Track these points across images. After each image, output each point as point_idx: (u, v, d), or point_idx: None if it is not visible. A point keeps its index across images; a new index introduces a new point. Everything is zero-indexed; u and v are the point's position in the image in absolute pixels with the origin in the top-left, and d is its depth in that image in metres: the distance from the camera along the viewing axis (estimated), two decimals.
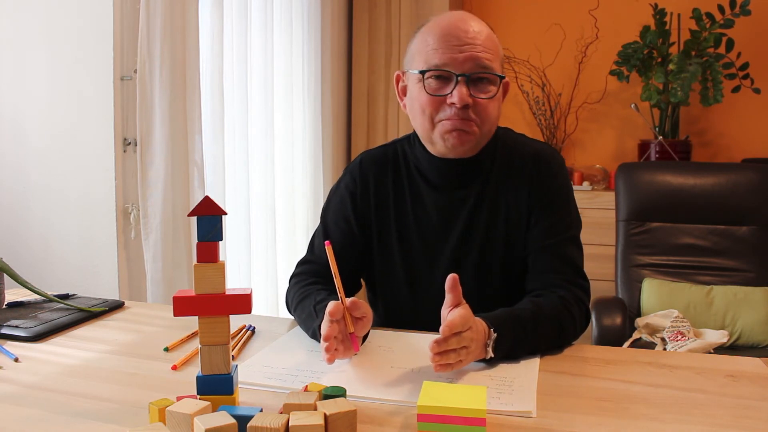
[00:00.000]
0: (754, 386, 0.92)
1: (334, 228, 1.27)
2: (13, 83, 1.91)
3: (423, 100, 1.14)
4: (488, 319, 0.99)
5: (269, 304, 2.65)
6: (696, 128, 3.47)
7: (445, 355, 0.91)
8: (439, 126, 1.14)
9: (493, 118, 1.15)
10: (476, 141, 1.15)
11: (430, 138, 1.16)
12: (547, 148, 1.24)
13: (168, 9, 1.88)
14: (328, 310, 0.96)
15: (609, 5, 3.52)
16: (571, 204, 1.22)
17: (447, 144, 1.14)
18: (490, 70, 1.12)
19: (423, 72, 1.13)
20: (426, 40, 1.14)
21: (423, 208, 1.22)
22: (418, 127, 1.19)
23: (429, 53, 1.12)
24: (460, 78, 1.10)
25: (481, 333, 0.96)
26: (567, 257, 1.17)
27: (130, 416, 0.81)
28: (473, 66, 1.10)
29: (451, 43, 1.11)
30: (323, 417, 0.71)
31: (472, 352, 0.95)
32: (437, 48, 1.11)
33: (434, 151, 1.19)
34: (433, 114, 1.13)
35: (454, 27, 1.12)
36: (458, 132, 1.12)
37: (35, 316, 1.20)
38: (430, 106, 1.13)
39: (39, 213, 1.92)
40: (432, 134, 1.15)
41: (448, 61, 1.10)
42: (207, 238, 0.79)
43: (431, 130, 1.15)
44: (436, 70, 1.12)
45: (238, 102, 2.40)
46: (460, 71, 1.10)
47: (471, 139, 1.14)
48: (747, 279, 2.30)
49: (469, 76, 1.10)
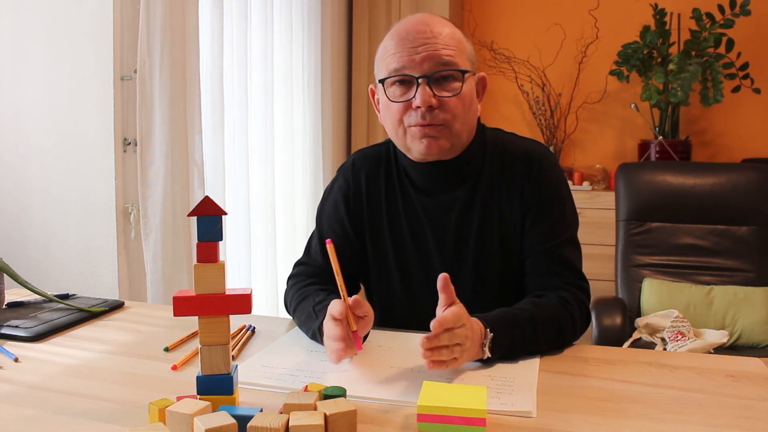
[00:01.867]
0: (754, 386, 0.92)
1: (329, 231, 1.26)
2: (13, 83, 1.91)
3: (390, 108, 1.12)
4: (484, 319, 0.99)
5: (269, 304, 2.65)
6: (696, 128, 3.47)
7: (437, 351, 0.91)
8: (409, 132, 1.12)
9: (462, 114, 1.11)
10: (450, 142, 1.12)
11: (405, 145, 1.15)
12: (539, 146, 1.21)
13: (168, 9, 1.88)
14: (332, 311, 0.96)
15: (609, 5, 3.52)
16: (566, 204, 1.20)
17: (420, 150, 1.12)
18: (452, 66, 1.08)
19: (384, 80, 1.12)
20: (386, 47, 1.12)
21: (414, 211, 1.21)
22: (392, 137, 1.18)
23: (388, 59, 1.11)
24: (420, 80, 1.07)
25: (476, 332, 0.96)
26: (565, 259, 1.16)
27: (130, 416, 0.81)
28: (433, 65, 1.08)
29: (408, 45, 1.08)
30: (323, 417, 0.71)
31: (467, 350, 0.94)
32: (395, 52, 1.10)
33: (412, 157, 1.17)
34: (402, 120, 1.11)
35: (411, 29, 1.09)
36: (427, 139, 1.10)
37: (35, 316, 1.20)
38: (398, 113, 1.11)
39: (39, 213, 1.92)
40: (405, 141, 1.14)
41: (406, 63, 1.08)
42: (207, 238, 0.79)
43: (404, 137, 1.13)
44: (396, 75, 1.10)
45: (238, 102, 2.40)
46: (420, 72, 1.08)
47: (443, 144, 1.11)
48: (747, 279, 2.30)
49: (431, 76, 1.08)
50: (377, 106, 1.21)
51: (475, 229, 1.18)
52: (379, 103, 1.19)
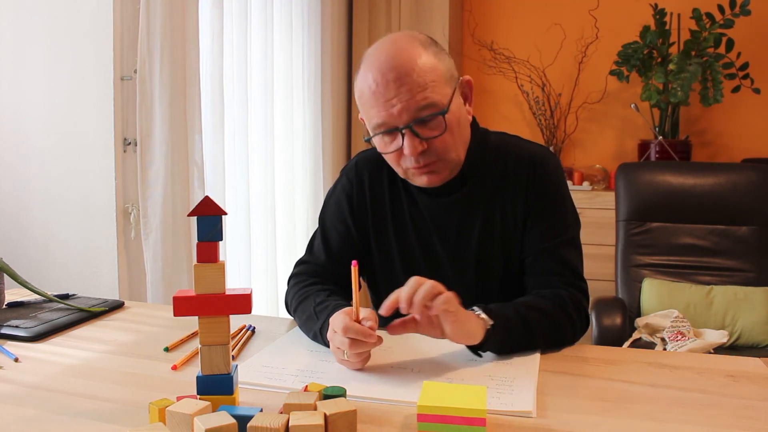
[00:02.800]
0: (754, 386, 0.92)
1: (332, 231, 1.27)
2: (13, 83, 1.91)
3: (385, 155, 1.14)
4: (480, 307, 1.01)
5: (269, 304, 2.65)
6: (696, 128, 3.47)
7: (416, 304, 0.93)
8: (408, 172, 1.14)
9: (453, 144, 1.12)
10: (449, 169, 1.14)
11: (409, 179, 1.17)
12: (542, 150, 1.23)
13: (168, 9, 1.88)
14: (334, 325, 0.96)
15: (609, 5, 3.52)
16: (567, 205, 1.21)
17: (423, 183, 1.14)
18: (431, 109, 1.07)
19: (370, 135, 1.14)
20: (363, 95, 1.10)
21: (418, 210, 1.22)
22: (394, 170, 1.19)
23: (369, 112, 1.11)
24: (404, 131, 1.08)
25: (468, 313, 0.99)
26: (565, 260, 1.16)
27: (130, 416, 0.81)
28: (411, 114, 1.06)
29: (383, 100, 1.07)
30: (323, 417, 0.71)
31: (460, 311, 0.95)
32: (372, 106, 1.09)
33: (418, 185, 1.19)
34: (399, 164, 1.13)
35: (381, 80, 1.06)
36: (428, 175, 1.12)
37: (35, 316, 1.20)
38: (393, 160, 1.14)
39: (39, 213, 1.92)
40: (408, 177, 1.16)
41: (386, 119, 1.08)
42: (207, 238, 0.79)
43: (404, 174, 1.16)
44: (381, 131, 1.10)
45: (238, 102, 2.40)
46: (402, 124, 1.07)
47: (443, 175, 1.13)
48: (747, 279, 2.30)
49: (411, 125, 1.07)
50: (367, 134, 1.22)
51: (478, 229, 1.19)
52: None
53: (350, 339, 0.93)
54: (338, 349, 0.96)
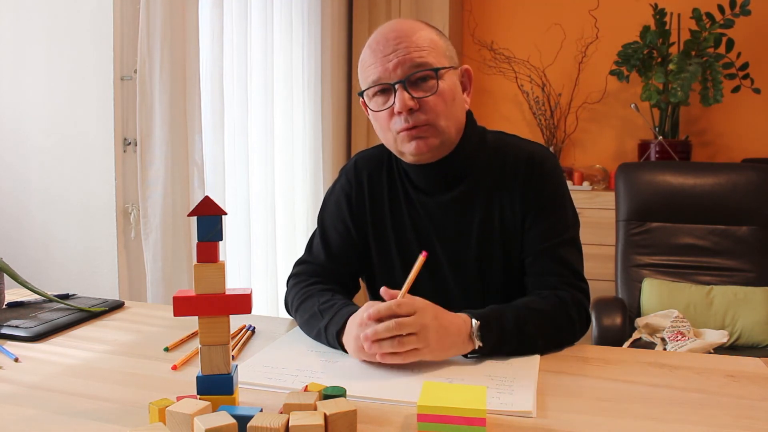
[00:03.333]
0: (754, 386, 0.91)
1: (331, 231, 1.27)
2: (12, 83, 1.91)
3: (377, 117, 1.15)
4: (471, 312, 1.01)
5: (269, 304, 2.65)
6: (696, 128, 3.48)
7: (378, 344, 0.93)
8: (398, 138, 1.14)
9: (444, 111, 1.12)
10: (439, 139, 1.13)
11: (398, 150, 1.17)
12: (541, 149, 1.22)
13: (168, 9, 1.88)
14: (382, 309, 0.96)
15: (609, 5, 3.52)
16: (567, 205, 1.20)
17: (411, 152, 1.14)
18: (425, 67, 1.10)
19: (365, 91, 1.15)
20: (363, 59, 1.15)
21: (416, 210, 1.22)
22: (386, 144, 1.20)
23: (366, 71, 1.14)
24: (397, 86, 1.10)
25: (453, 324, 0.98)
26: (565, 260, 1.16)
27: (130, 416, 0.81)
28: (406, 69, 1.09)
29: (380, 55, 1.11)
30: (323, 417, 0.71)
31: (430, 341, 0.94)
32: (370, 64, 1.12)
33: (407, 160, 1.19)
34: (389, 127, 1.14)
35: (382, 39, 1.12)
36: (416, 141, 1.12)
37: (35, 316, 1.20)
38: (384, 121, 1.14)
39: (39, 213, 1.92)
40: (397, 146, 1.16)
41: (381, 74, 1.11)
42: (207, 238, 0.79)
43: (394, 143, 1.15)
44: (374, 86, 1.12)
45: (238, 102, 2.40)
46: (395, 79, 1.10)
47: (431, 142, 1.12)
48: (747, 279, 2.30)
49: (405, 80, 1.09)
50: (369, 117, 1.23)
51: (476, 229, 1.19)
52: (369, 114, 1.21)
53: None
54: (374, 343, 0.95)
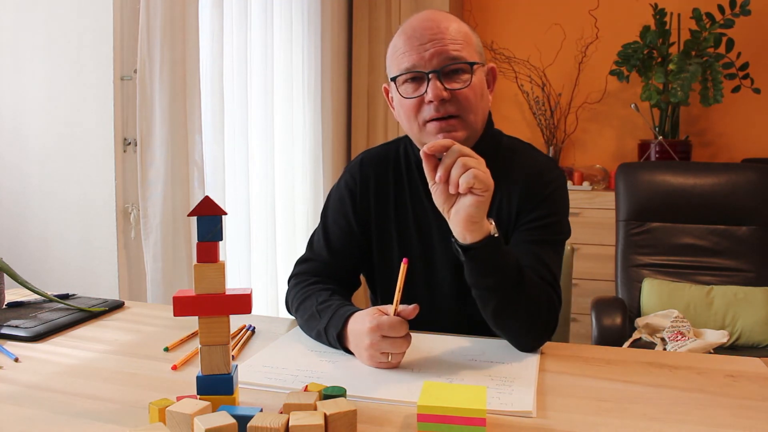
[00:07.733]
0: (754, 386, 0.92)
1: (334, 227, 1.27)
2: (12, 83, 1.91)
3: (404, 104, 1.15)
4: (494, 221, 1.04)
5: (269, 304, 2.65)
6: (696, 128, 3.48)
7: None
8: (425, 128, 1.14)
9: (474, 105, 1.14)
10: (466, 133, 1.14)
11: (421, 141, 1.16)
12: (550, 161, 1.24)
13: (168, 9, 1.88)
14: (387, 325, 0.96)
15: (609, 5, 3.52)
16: (561, 214, 1.20)
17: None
18: (460, 60, 1.11)
19: (396, 78, 1.15)
20: (396, 46, 1.16)
21: (422, 208, 1.22)
22: (408, 132, 1.20)
23: (399, 58, 1.14)
24: (431, 75, 1.10)
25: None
26: (543, 260, 1.13)
27: (130, 416, 0.81)
28: (441, 60, 1.11)
29: (417, 43, 1.12)
30: (323, 417, 0.71)
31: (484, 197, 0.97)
32: (405, 51, 1.13)
33: None
34: (417, 116, 1.14)
35: (418, 27, 1.13)
36: (443, 133, 1.12)
37: (35, 316, 1.20)
38: (412, 109, 1.14)
39: (39, 213, 1.92)
40: (421, 137, 1.15)
41: (416, 61, 1.11)
42: (207, 238, 0.79)
43: (419, 133, 1.15)
44: (407, 73, 1.13)
45: (238, 102, 2.40)
46: (430, 68, 1.11)
47: (458, 135, 1.13)
48: (747, 279, 2.30)
49: (440, 71, 1.10)
50: (392, 104, 1.23)
51: None
52: (393, 100, 1.21)
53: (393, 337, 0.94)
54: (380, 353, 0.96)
